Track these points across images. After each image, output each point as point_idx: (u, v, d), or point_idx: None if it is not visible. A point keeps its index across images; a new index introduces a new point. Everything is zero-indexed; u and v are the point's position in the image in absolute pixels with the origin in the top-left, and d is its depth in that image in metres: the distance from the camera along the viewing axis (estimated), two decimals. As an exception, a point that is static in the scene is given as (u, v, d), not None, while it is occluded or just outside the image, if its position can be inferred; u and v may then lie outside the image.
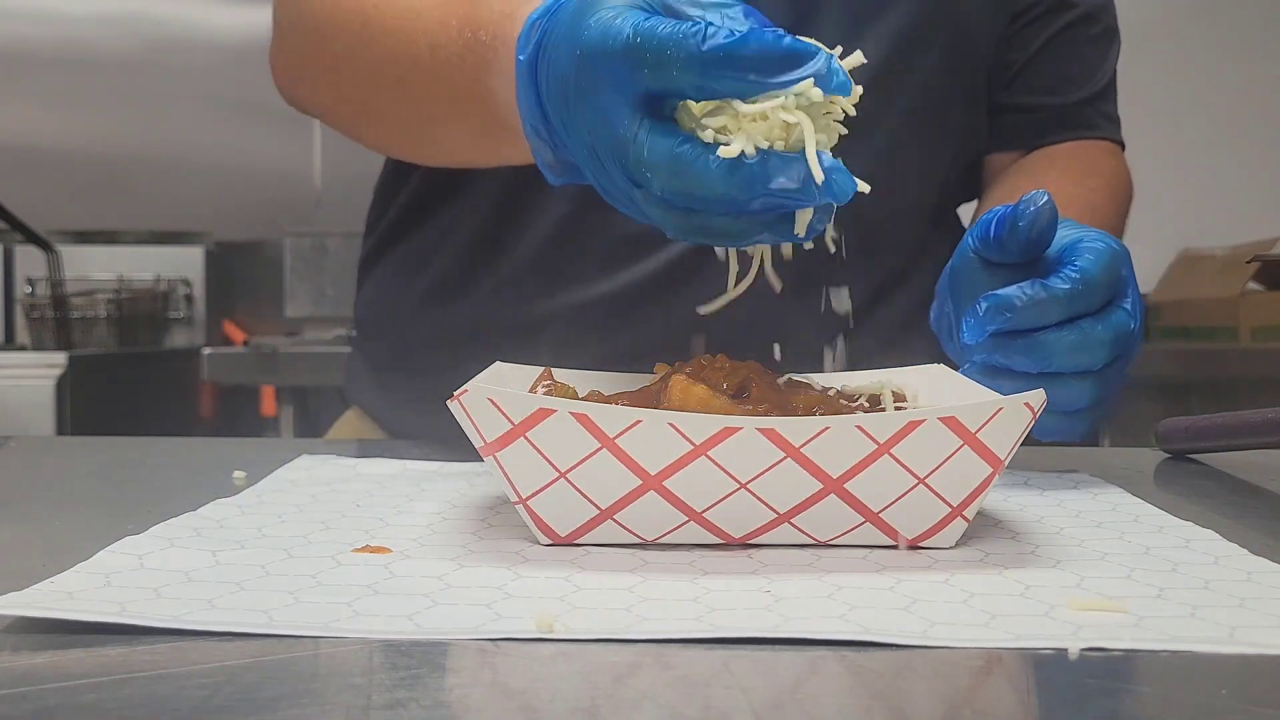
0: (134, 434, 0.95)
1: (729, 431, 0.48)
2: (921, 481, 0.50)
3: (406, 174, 0.95)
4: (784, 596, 0.44)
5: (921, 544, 0.51)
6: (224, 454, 0.78)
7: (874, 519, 0.50)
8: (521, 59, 0.58)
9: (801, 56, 0.51)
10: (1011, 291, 0.61)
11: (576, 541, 0.51)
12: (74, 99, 3.08)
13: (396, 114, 0.82)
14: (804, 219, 0.53)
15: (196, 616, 0.40)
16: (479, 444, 0.51)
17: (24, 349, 2.66)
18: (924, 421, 0.49)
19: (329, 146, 3.06)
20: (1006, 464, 0.51)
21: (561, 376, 0.61)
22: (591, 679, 0.36)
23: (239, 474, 0.66)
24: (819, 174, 0.50)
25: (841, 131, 0.54)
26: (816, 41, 0.52)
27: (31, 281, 2.76)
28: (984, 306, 0.62)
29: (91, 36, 3.09)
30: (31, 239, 2.65)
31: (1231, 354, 2.34)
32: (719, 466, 0.48)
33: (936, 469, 0.49)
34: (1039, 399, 0.50)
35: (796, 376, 0.61)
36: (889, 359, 0.67)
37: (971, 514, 0.51)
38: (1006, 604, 0.43)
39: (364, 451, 0.77)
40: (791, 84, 0.50)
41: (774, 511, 0.50)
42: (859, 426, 0.48)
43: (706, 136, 0.51)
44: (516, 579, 0.46)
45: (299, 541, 0.52)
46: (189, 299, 2.88)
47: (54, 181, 3.07)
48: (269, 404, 2.76)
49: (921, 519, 0.51)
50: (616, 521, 0.50)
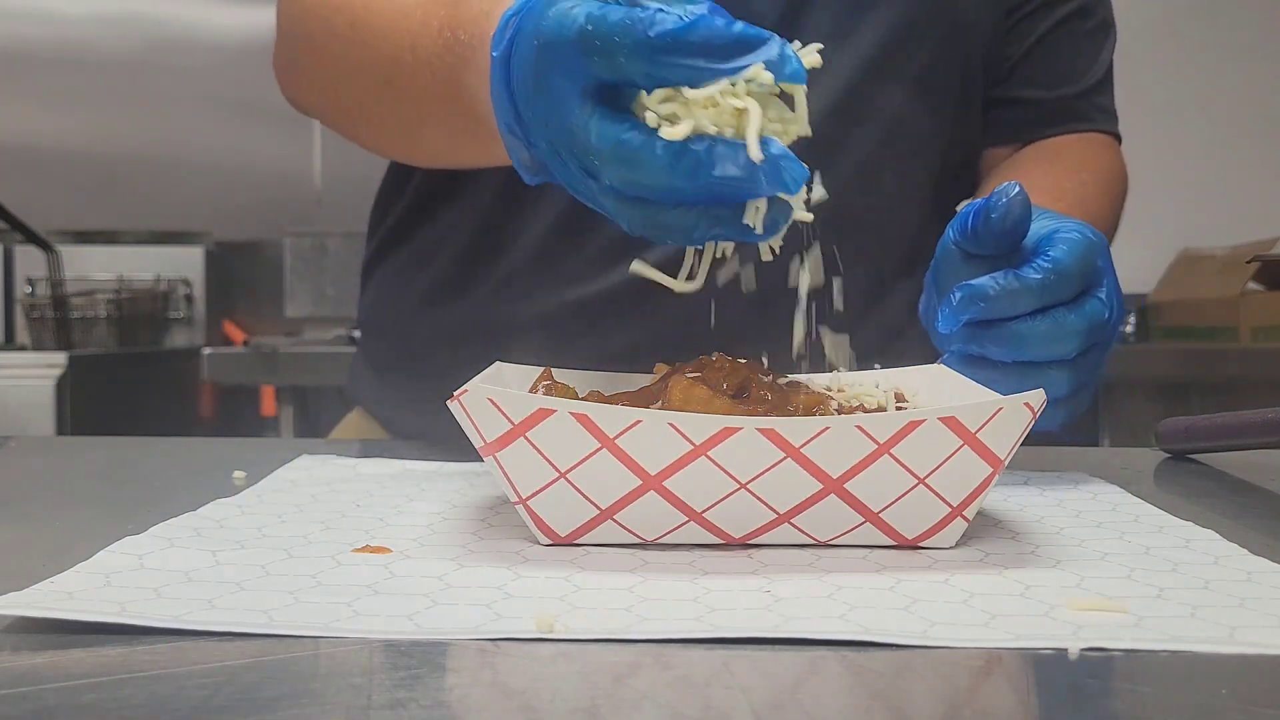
0: (134, 434, 0.95)
1: (729, 431, 0.48)
2: (921, 481, 0.50)
3: (408, 176, 0.95)
4: (784, 596, 0.44)
5: (921, 544, 0.51)
6: (224, 454, 0.78)
7: (874, 519, 0.50)
8: (495, 55, 0.57)
9: (752, 42, 0.50)
10: (985, 281, 0.62)
11: (576, 541, 0.51)
12: (74, 99, 3.08)
13: (386, 116, 0.82)
14: (757, 212, 0.52)
15: (196, 616, 0.40)
16: (479, 444, 0.51)
17: (24, 349, 2.66)
18: (924, 421, 0.49)
19: (329, 146, 3.06)
20: (1006, 464, 0.51)
21: (561, 377, 0.61)
22: (591, 679, 0.36)
23: (239, 474, 0.66)
24: (756, 153, 0.49)
25: (805, 132, 0.53)
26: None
27: (31, 281, 2.76)
28: (958, 296, 0.62)
29: (91, 36, 3.09)
30: (31, 239, 2.65)
31: (1231, 354, 2.34)
32: (719, 466, 0.48)
33: (936, 469, 0.49)
34: (1039, 399, 0.50)
35: (796, 376, 0.61)
36: (889, 355, 0.67)
37: (971, 514, 0.51)
38: (1006, 604, 0.43)
39: (364, 451, 0.77)
40: (741, 70, 0.49)
41: (774, 511, 0.50)
42: (859, 426, 0.48)
43: (652, 121, 0.50)
44: (516, 579, 0.46)
45: (299, 541, 0.52)
46: (189, 299, 2.88)
47: (54, 181, 3.07)
48: (269, 404, 2.76)
49: (921, 519, 0.51)
50: (616, 521, 0.50)
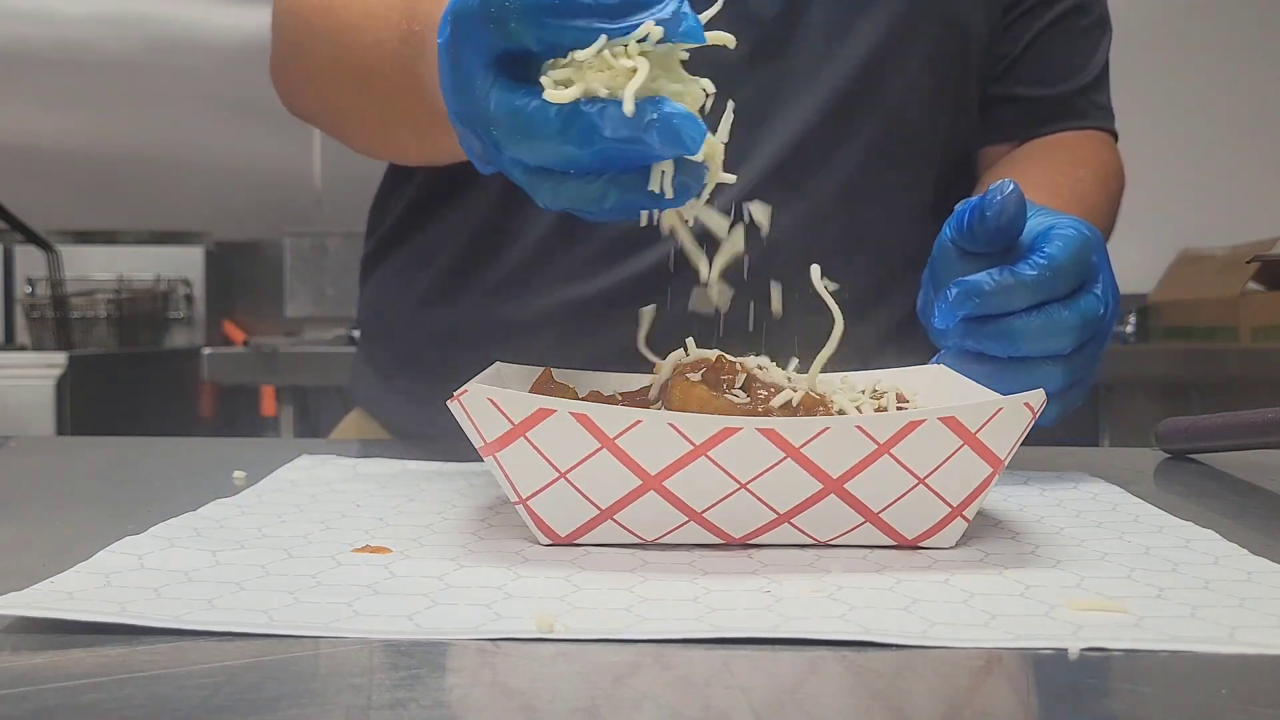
0: (134, 434, 0.95)
1: (729, 431, 0.48)
2: (921, 481, 0.50)
3: (407, 176, 0.95)
4: (784, 596, 0.44)
5: (921, 544, 0.51)
6: (224, 454, 0.78)
7: (874, 519, 0.50)
8: (440, 41, 0.55)
9: (645, 1, 0.49)
10: (980, 278, 0.62)
11: (576, 541, 0.51)
12: (74, 99, 3.08)
13: (363, 115, 0.83)
14: (663, 175, 0.51)
15: (196, 616, 0.40)
16: (479, 444, 0.51)
17: (24, 349, 2.66)
18: (924, 421, 0.49)
19: (329, 146, 3.06)
20: (1006, 464, 0.51)
21: (561, 377, 0.61)
22: (591, 679, 0.36)
23: (239, 474, 0.66)
24: (629, 108, 0.48)
25: (709, 89, 0.52)
26: None
27: (31, 281, 2.76)
28: (954, 292, 0.63)
29: (91, 36, 3.09)
30: (31, 239, 2.65)
31: (1231, 354, 2.34)
32: (719, 467, 0.48)
33: (936, 469, 0.49)
34: (1039, 399, 0.50)
35: (796, 376, 0.61)
36: (891, 354, 0.67)
37: (971, 514, 0.51)
38: (1006, 604, 0.43)
39: (364, 451, 0.77)
40: (631, 29, 0.49)
41: (774, 512, 0.50)
42: (859, 427, 0.48)
43: (547, 84, 0.50)
44: (516, 579, 0.46)
45: (299, 541, 0.52)
46: (189, 299, 2.89)
47: (54, 181, 3.07)
48: (269, 404, 2.76)
49: (921, 519, 0.51)
50: (616, 521, 0.50)
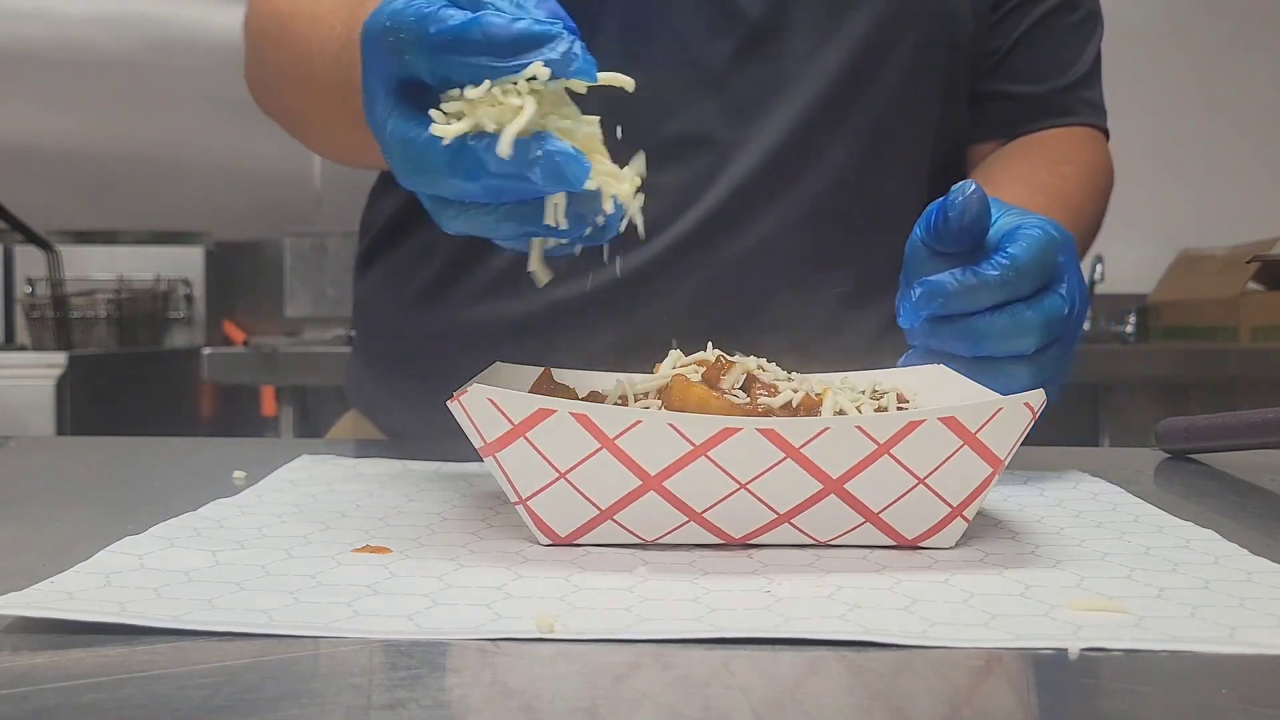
0: (134, 434, 0.95)
1: (729, 432, 0.48)
2: (921, 482, 0.50)
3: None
4: (784, 596, 0.44)
5: (921, 544, 0.51)
6: (224, 454, 0.78)
7: (874, 519, 0.50)
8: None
9: (537, 39, 0.49)
10: (943, 277, 0.62)
11: (576, 541, 0.51)
12: (74, 99, 3.08)
13: (313, 120, 0.83)
14: (556, 208, 0.51)
15: (196, 616, 0.40)
16: (479, 444, 0.51)
17: (24, 349, 2.66)
18: (924, 422, 0.49)
19: (329, 146, 3.06)
20: (1006, 464, 0.51)
21: (561, 377, 0.61)
22: (591, 679, 0.36)
23: (239, 474, 0.66)
24: (505, 150, 0.48)
25: (595, 132, 0.52)
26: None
27: (31, 281, 2.76)
28: (918, 292, 0.63)
29: (91, 36, 3.09)
30: (31, 239, 2.65)
31: (1231, 354, 2.34)
32: (719, 467, 0.48)
33: (936, 469, 0.49)
34: (1039, 399, 0.50)
35: (797, 376, 0.61)
36: (883, 351, 0.67)
37: (971, 514, 0.51)
38: (1006, 604, 0.43)
39: (364, 451, 0.77)
40: (521, 68, 0.49)
41: (774, 512, 0.50)
42: (859, 427, 0.48)
43: (439, 119, 0.50)
44: (516, 579, 0.46)
45: (299, 541, 0.52)
46: (189, 299, 2.89)
47: (54, 181, 3.07)
48: (269, 404, 2.76)
49: (921, 519, 0.51)
50: (616, 522, 0.50)
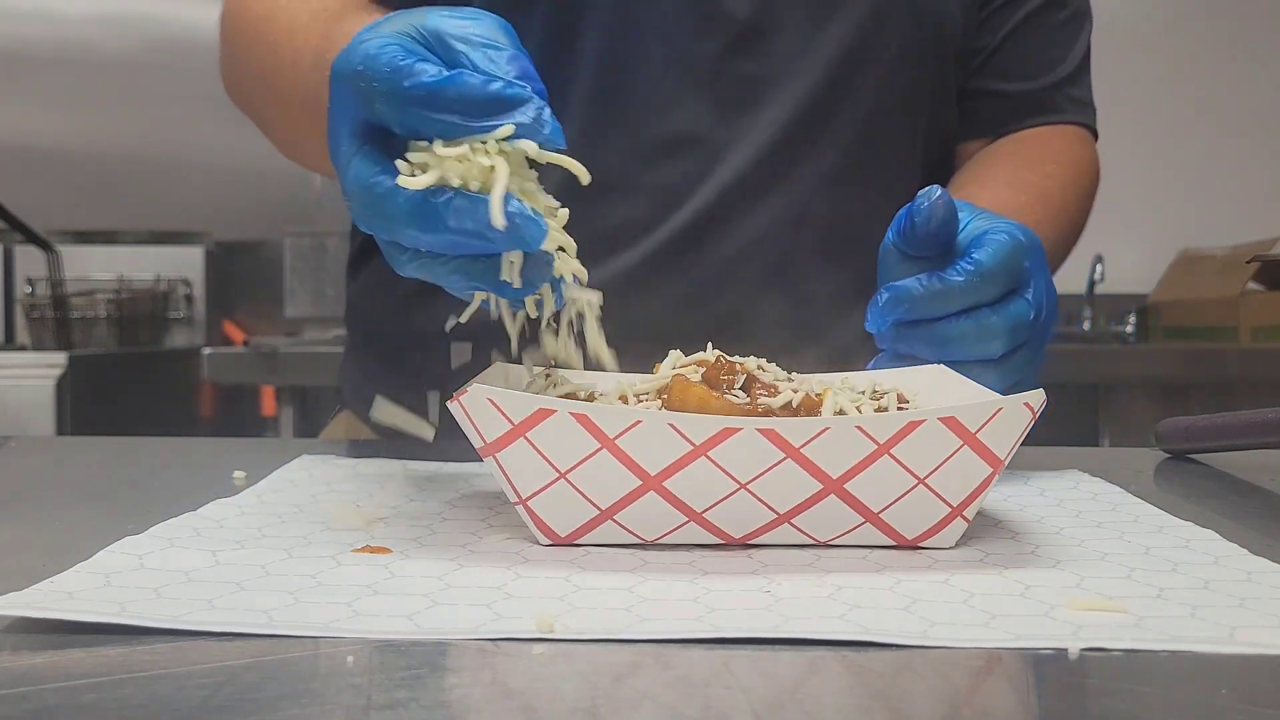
0: (134, 434, 0.95)
1: (729, 432, 0.48)
2: (921, 482, 0.50)
3: None
4: (784, 596, 0.44)
5: (921, 544, 0.51)
6: (224, 454, 0.78)
7: (874, 519, 0.50)
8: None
9: (510, 102, 0.50)
10: (909, 283, 0.63)
11: (576, 542, 0.51)
12: (74, 99, 3.08)
13: (282, 128, 0.83)
14: (511, 266, 0.51)
15: (196, 616, 0.40)
16: (479, 444, 0.51)
17: (24, 349, 2.66)
18: (924, 422, 0.49)
19: (329, 146, 3.06)
20: (1006, 464, 0.51)
21: (561, 377, 0.61)
22: (591, 679, 0.36)
23: (239, 474, 0.66)
24: (498, 219, 0.48)
25: (553, 204, 0.53)
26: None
27: (31, 281, 2.76)
28: (884, 297, 0.63)
29: (91, 36, 3.09)
30: (31, 239, 2.65)
31: (1231, 354, 2.34)
32: (719, 467, 0.48)
33: (936, 469, 0.49)
34: (1039, 399, 0.50)
35: (797, 376, 0.61)
36: (871, 354, 0.67)
37: (971, 514, 0.51)
38: (1006, 604, 0.43)
39: (364, 452, 0.77)
40: (492, 129, 0.50)
41: (774, 512, 0.50)
42: (859, 427, 0.48)
43: (403, 170, 0.51)
44: (516, 579, 0.46)
45: (299, 542, 0.52)
46: (189, 299, 2.88)
47: (54, 181, 3.07)
48: (269, 404, 2.76)
49: (921, 519, 0.51)
50: (616, 522, 0.50)
